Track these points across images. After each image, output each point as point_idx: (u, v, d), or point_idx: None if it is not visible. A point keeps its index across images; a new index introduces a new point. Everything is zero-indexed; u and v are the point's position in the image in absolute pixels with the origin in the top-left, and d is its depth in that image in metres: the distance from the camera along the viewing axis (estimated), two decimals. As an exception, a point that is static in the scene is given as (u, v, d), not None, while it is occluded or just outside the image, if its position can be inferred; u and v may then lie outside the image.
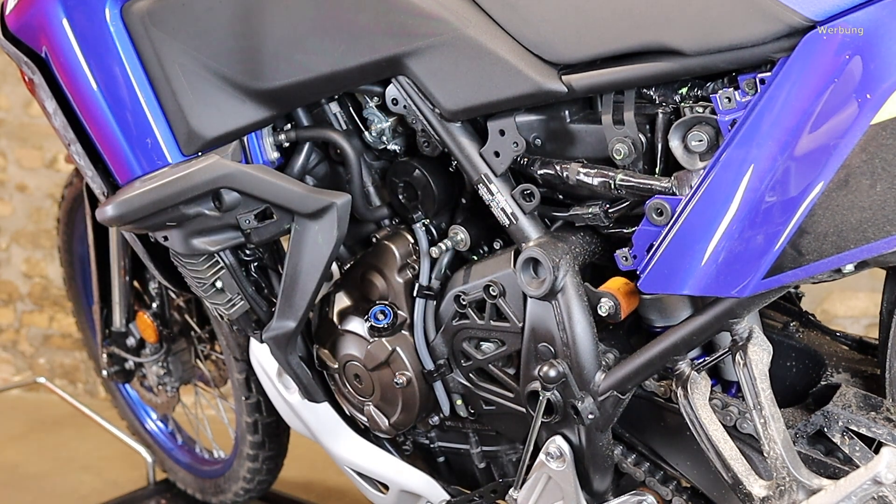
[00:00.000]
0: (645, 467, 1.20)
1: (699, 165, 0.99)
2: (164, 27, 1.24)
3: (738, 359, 1.03)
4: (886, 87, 0.84)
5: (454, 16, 1.09)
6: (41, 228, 3.33)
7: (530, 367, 1.18)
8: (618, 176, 1.05)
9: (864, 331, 2.54)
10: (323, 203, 1.26)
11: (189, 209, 1.28)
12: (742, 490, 1.03)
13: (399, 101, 1.21)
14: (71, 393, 2.92)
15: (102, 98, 1.27)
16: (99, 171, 1.37)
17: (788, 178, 0.90)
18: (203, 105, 1.25)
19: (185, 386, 2.13)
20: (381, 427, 1.39)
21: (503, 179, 1.16)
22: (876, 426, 1.03)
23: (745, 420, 1.10)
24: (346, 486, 1.56)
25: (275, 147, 1.34)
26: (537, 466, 1.20)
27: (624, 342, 1.22)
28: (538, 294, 1.13)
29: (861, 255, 0.90)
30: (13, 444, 2.84)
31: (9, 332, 3.51)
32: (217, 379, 2.11)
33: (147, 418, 2.36)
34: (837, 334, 1.24)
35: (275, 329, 1.37)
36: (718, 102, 0.95)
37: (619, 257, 1.07)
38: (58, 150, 3.19)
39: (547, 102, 1.08)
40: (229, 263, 1.38)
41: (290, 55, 1.20)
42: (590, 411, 1.14)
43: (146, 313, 2.00)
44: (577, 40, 1.02)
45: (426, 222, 1.31)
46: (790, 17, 0.87)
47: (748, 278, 0.95)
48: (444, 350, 1.30)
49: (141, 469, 2.41)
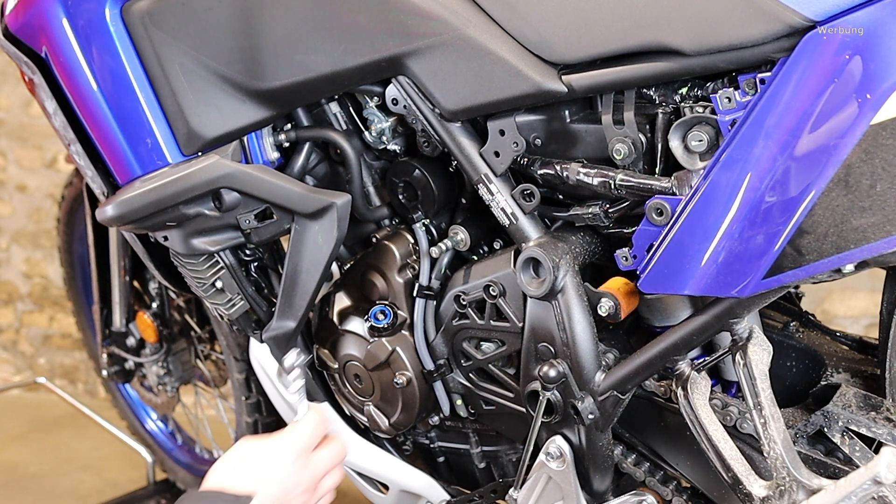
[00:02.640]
0: (645, 467, 1.20)
1: (699, 165, 0.99)
2: (164, 27, 1.24)
3: (738, 359, 1.03)
4: (886, 87, 0.84)
5: (454, 16, 1.09)
6: (41, 228, 3.33)
7: (530, 367, 1.18)
8: (618, 176, 1.05)
9: (864, 331, 2.53)
10: (323, 203, 1.26)
11: (189, 209, 1.28)
12: (742, 490, 1.03)
13: (399, 101, 1.21)
14: (71, 393, 2.92)
15: (102, 98, 1.27)
16: (99, 171, 1.37)
17: (788, 178, 0.90)
18: (203, 105, 1.25)
19: (185, 386, 2.13)
20: (381, 427, 1.39)
21: (503, 179, 1.16)
22: (876, 426, 1.03)
23: (745, 420, 1.10)
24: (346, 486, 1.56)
25: (275, 147, 1.34)
26: (537, 466, 1.20)
27: (624, 342, 1.22)
28: (538, 294, 1.13)
29: (861, 255, 0.90)
30: (13, 444, 2.84)
31: (9, 332, 3.51)
32: (217, 379, 2.11)
33: (147, 418, 2.36)
34: (837, 334, 1.24)
35: (275, 329, 1.37)
36: (718, 102, 0.95)
37: (619, 257, 1.07)
38: (58, 150, 3.19)
39: (547, 102, 1.08)
40: (229, 263, 1.38)
41: (290, 55, 1.19)
42: (590, 411, 1.14)
43: (146, 313, 2.00)
44: (577, 40, 1.02)
45: (426, 222, 1.31)
46: (790, 17, 0.87)
47: (748, 278, 0.95)
48: (444, 350, 1.30)
49: (141, 469, 2.42)
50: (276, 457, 1.11)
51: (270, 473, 1.10)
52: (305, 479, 1.13)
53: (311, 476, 1.14)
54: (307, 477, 1.13)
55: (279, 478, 1.10)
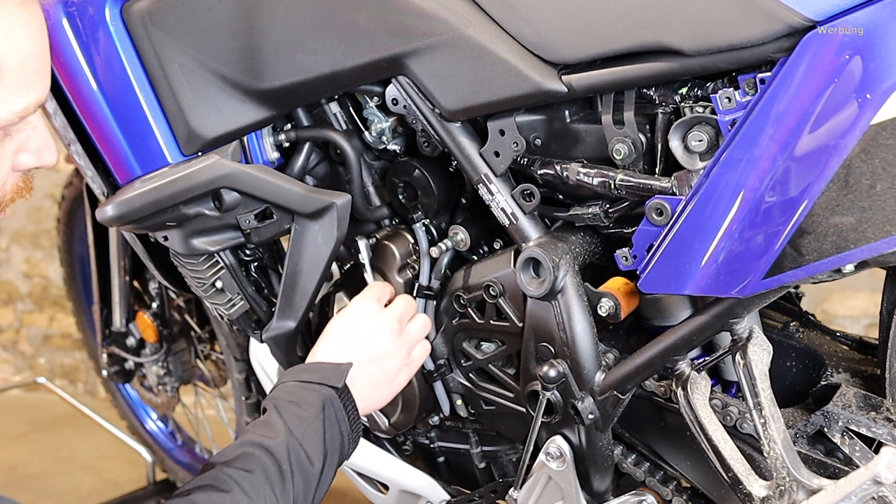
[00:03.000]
0: (645, 467, 1.20)
1: (699, 165, 0.99)
2: (164, 27, 1.24)
3: (738, 359, 1.03)
4: (886, 87, 0.84)
5: (454, 16, 1.09)
6: (41, 228, 3.33)
7: (530, 367, 1.18)
8: (618, 176, 1.05)
9: (864, 331, 2.53)
10: (323, 203, 1.26)
11: (189, 209, 1.28)
12: (742, 490, 1.03)
13: (399, 101, 1.21)
14: (71, 393, 2.92)
15: (102, 98, 1.27)
16: (99, 171, 1.37)
17: (788, 178, 0.90)
18: (203, 105, 1.25)
19: (185, 386, 2.13)
20: (381, 427, 1.39)
21: (503, 179, 1.16)
22: (876, 426, 1.03)
23: (745, 420, 1.10)
24: (346, 486, 1.56)
25: (275, 147, 1.34)
26: (537, 466, 1.20)
27: (624, 342, 1.22)
28: (538, 294, 1.13)
29: (861, 255, 0.90)
30: (13, 444, 2.85)
31: (9, 332, 3.51)
32: (217, 379, 2.11)
33: (147, 418, 2.36)
34: (837, 334, 1.24)
35: (275, 329, 1.37)
36: (718, 102, 0.95)
37: (619, 257, 1.07)
38: (58, 150, 3.19)
39: (547, 102, 1.08)
40: (229, 263, 1.38)
41: (290, 55, 1.19)
42: (590, 411, 1.14)
43: (146, 313, 2.00)
44: (577, 40, 1.02)
45: (426, 222, 1.31)
46: (790, 17, 0.87)
47: (748, 278, 0.95)
48: (444, 350, 1.30)
49: (141, 469, 2.41)
50: (368, 326, 1.20)
51: (366, 342, 1.19)
52: (399, 346, 1.22)
53: (404, 343, 1.23)
54: (401, 343, 1.22)
55: (374, 343, 1.19)
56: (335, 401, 1.12)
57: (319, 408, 1.10)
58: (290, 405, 1.10)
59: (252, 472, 1.01)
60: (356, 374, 1.17)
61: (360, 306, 1.23)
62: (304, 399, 1.11)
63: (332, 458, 1.10)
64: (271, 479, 1.02)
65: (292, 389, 1.13)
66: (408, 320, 1.25)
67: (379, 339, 1.20)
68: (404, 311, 1.25)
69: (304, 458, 1.06)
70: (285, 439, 1.06)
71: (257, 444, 1.05)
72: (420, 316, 1.27)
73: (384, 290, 1.27)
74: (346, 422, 1.12)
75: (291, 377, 1.15)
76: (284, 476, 1.03)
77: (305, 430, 1.07)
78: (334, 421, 1.11)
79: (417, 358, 1.25)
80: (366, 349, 1.19)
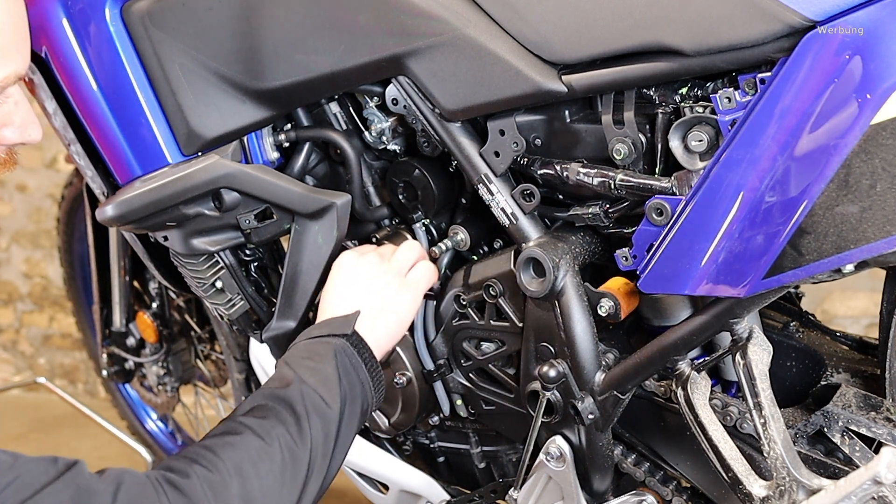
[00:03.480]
0: (645, 467, 1.20)
1: (699, 165, 0.99)
2: (164, 27, 1.24)
3: (738, 359, 1.03)
4: (886, 87, 0.84)
5: (454, 16, 1.09)
6: (41, 228, 3.33)
7: (530, 367, 1.18)
8: (618, 176, 1.05)
9: (864, 331, 2.54)
10: (323, 203, 1.26)
11: (189, 209, 1.28)
12: (742, 490, 1.03)
13: (399, 101, 1.21)
14: (71, 393, 2.92)
15: (102, 98, 1.27)
16: (99, 171, 1.37)
17: (788, 178, 0.90)
18: (203, 105, 1.26)
19: (185, 386, 2.13)
20: (381, 427, 1.39)
21: (503, 179, 1.16)
22: (876, 426, 1.03)
23: (745, 420, 1.10)
24: (346, 486, 1.56)
25: (275, 147, 1.34)
26: (537, 466, 1.20)
27: (624, 342, 1.22)
28: (538, 294, 1.13)
29: (861, 255, 0.90)
30: (13, 444, 2.84)
31: (9, 332, 3.51)
32: (217, 379, 2.11)
33: (147, 418, 2.36)
34: (837, 334, 1.24)
35: (275, 329, 1.37)
36: (718, 102, 0.95)
37: (619, 257, 1.07)
38: (58, 150, 3.19)
39: (547, 102, 1.08)
40: (229, 263, 1.38)
41: (290, 55, 1.19)
42: (590, 411, 1.14)
43: (146, 313, 2.00)
44: (577, 40, 1.02)
45: (426, 222, 1.31)
46: (790, 17, 0.87)
47: (748, 278, 0.95)
48: (444, 350, 1.30)
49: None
50: (366, 273, 1.21)
51: (368, 289, 1.19)
52: (392, 278, 1.21)
53: (398, 271, 1.22)
54: (393, 276, 1.21)
55: (376, 288, 1.19)
56: (347, 348, 1.11)
57: (331, 356, 1.09)
58: (302, 360, 1.09)
59: (265, 418, 1.00)
60: (363, 319, 1.16)
61: (345, 254, 1.25)
62: (315, 351, 1.10)
63: (353, 404, 1.08)
64: (285, 420, 1.00)
65: (303, 346, 1.12)
66: (394, 251, 1.25)
67: (371, 272, 1.20)
68: (390, 248, 1.26)
69: (319, 400, 1.04)
70: (298, 386, 1.04)
71: (269, 395, 1.04)
72: (406, 243, 1.26)
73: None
74: (363, 368, 1.11)
75: (302, 338, 1.15)
76: (300, 417, 1.02)
77: (318, 376, 1.06)
78: (349, 367, 1.09)
79: (416, 279, 1.23)
80: (372, 298, 1.18)
